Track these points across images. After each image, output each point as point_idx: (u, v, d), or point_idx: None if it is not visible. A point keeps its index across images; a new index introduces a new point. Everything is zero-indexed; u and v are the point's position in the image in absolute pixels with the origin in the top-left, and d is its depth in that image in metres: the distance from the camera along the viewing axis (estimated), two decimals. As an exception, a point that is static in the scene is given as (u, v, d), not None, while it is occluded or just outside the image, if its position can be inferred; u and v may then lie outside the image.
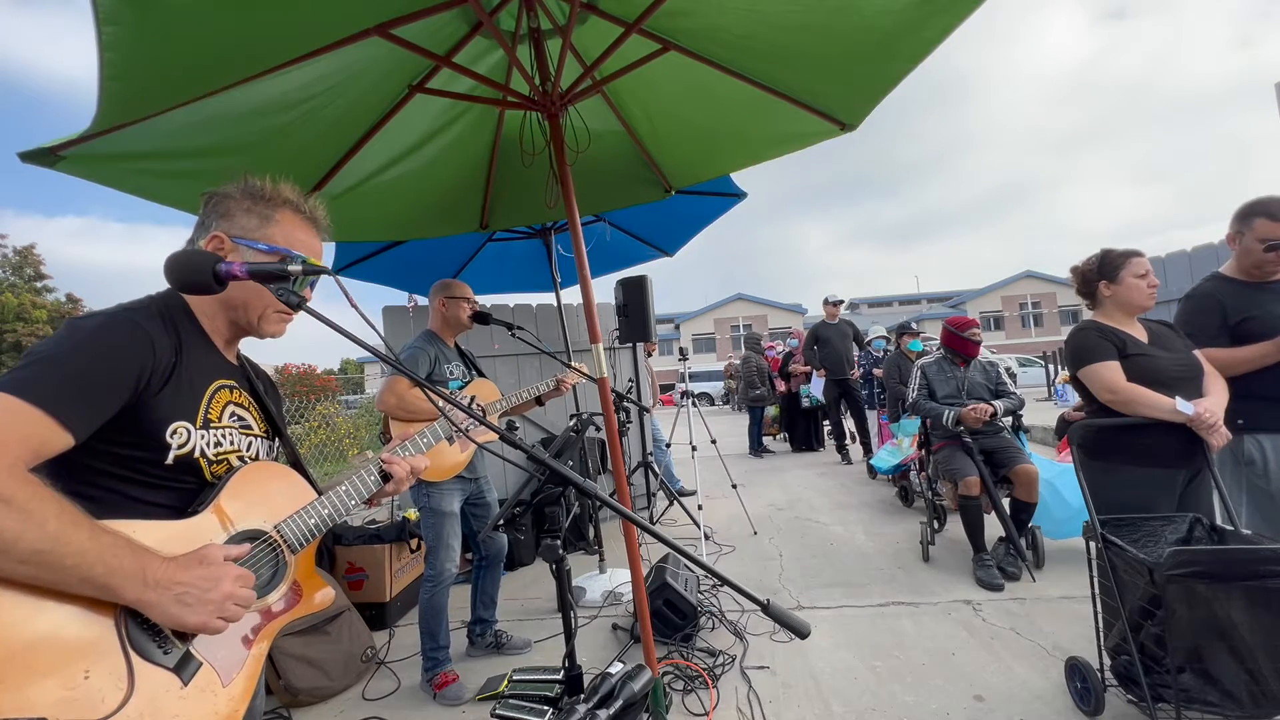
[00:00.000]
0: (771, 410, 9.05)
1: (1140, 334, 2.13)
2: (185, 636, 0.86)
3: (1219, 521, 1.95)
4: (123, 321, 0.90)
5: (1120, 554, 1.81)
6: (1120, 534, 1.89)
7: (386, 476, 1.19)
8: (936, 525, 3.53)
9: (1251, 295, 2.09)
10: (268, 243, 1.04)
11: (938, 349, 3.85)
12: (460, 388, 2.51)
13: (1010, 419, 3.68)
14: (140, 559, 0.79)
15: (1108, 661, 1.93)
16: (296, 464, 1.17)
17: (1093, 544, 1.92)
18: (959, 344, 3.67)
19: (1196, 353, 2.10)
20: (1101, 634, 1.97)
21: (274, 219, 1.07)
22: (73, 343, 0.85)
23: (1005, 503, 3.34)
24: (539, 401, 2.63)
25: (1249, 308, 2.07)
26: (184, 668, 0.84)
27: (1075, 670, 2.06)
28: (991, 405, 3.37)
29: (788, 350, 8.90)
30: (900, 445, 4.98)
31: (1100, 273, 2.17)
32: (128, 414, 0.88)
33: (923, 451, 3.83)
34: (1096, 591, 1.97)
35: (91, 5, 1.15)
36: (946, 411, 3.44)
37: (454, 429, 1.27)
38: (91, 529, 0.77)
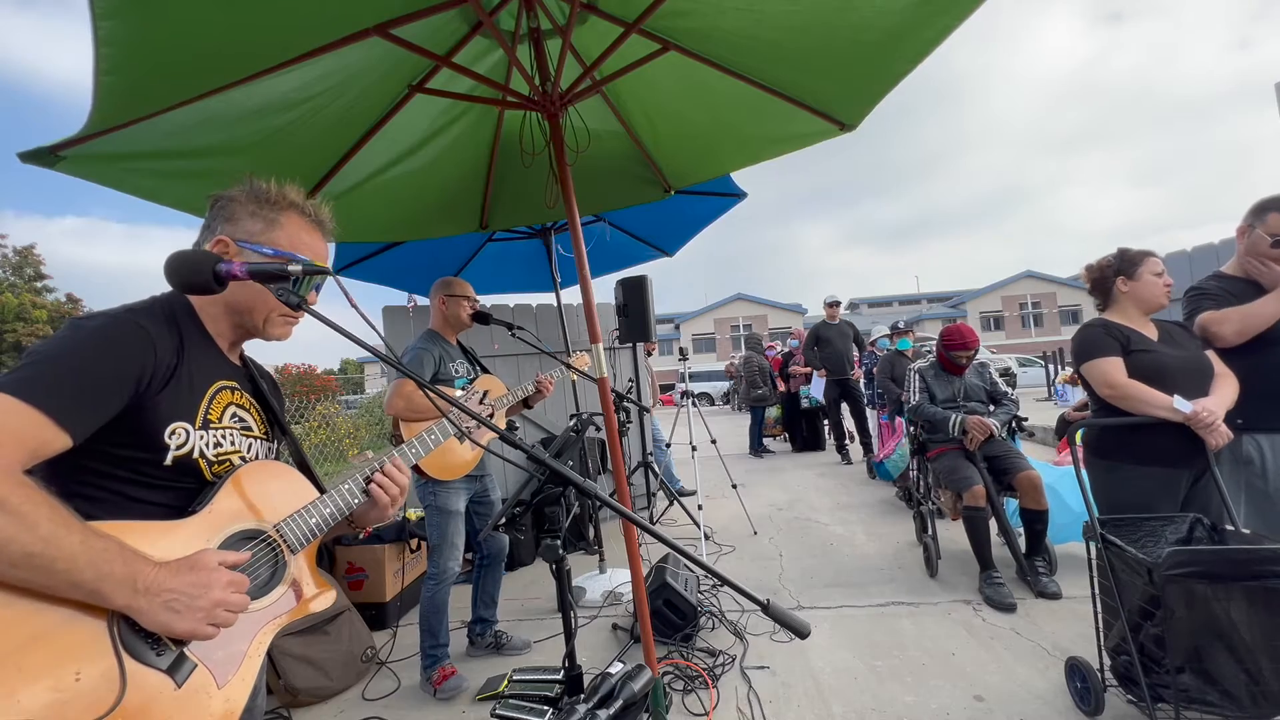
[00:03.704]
0: (774, 411, 9.05)
1: (1151, 333, 2.13)
2: (179, 639, 0.85)
3: (1224, 523, 1.95)
4: (124, 322, 0.90)
5: (1119, 554, 1.81)
6: (1120, 534, 1.88)
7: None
8: (931, 536, 3.40)
9: (1254, 294, 2.09)
10: (272, 247, 1.04)
11: (928, 353, 3.81)
12: (466, 385, 2.51)
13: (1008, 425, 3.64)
14: (131, 565, 0.78)
15: (1108, 662, 1.93)
16: (302, 463, 1.16)
17: (1092, 544, 1.92)
18: (945, 362, 3.62)
19: (1209, 353, 2.09)
20: (1101, 634, 1.97)
21: (279, 223, 1.06)
22: (73, 343, 0.84)
23: (1016, 516, 3.25)
24: (526, 405, 2.62)
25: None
26: (177, 669, 0.83)
27: (1075, 670, 2.06)
28: (992, 424, 3.27)
29: (788, 350, 8.90)
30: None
31: (1119, 269, 2.16)
32: (127, 415, 0.88)
33: (916, 458, 3.73)
34: (1096, 591, 1.97)
35: (89, 1, 1.15)
36: (953, 417, 3.35)
37: (459, 430, 1.26)
38: (83, 533, 0.76)
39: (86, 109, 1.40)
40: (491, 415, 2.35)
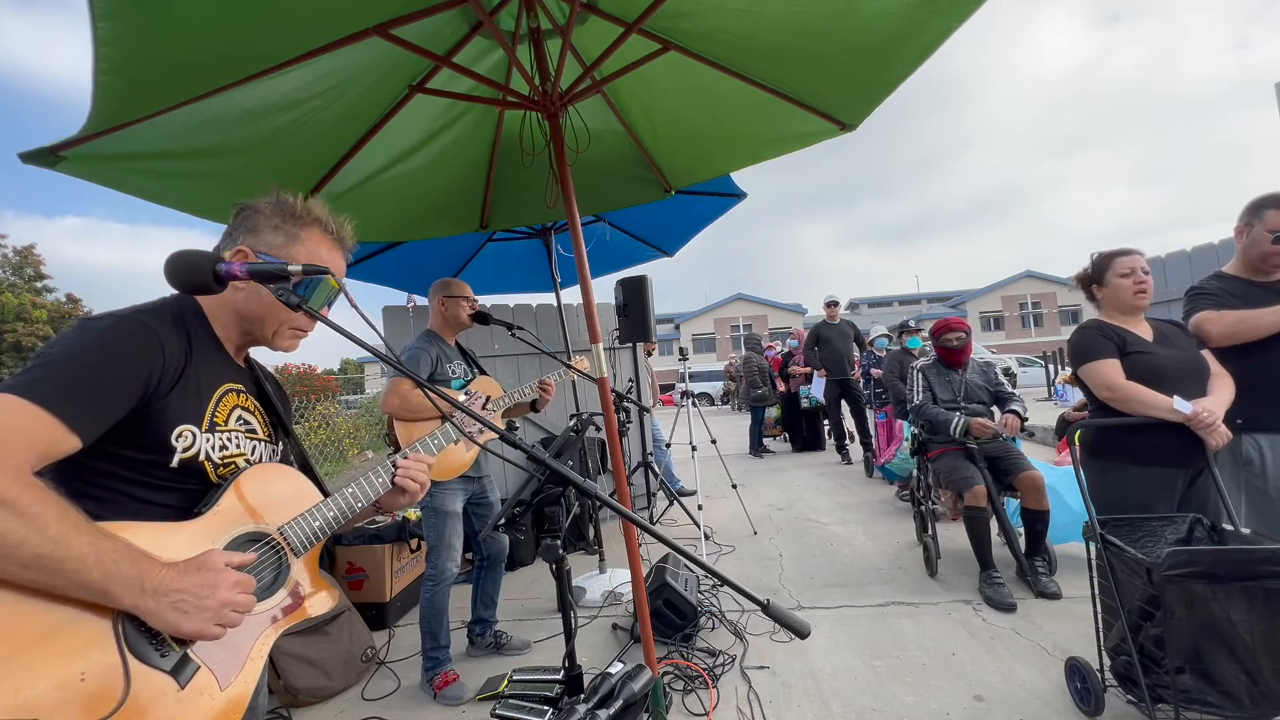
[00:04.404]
0: (774, 411, 9.06)
1: (1146, 332, 2.13)
2: (183, 640, 0.85)
3: (1223, 522, 1.95)
4: (132, 323, 0.90)
5: (1119, 554, 1.81)
6: (1120, 534, 1.89)
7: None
8: (931, 536, 3.39)
9: (1255, 294, 2.09)
10: (291, 262, 1.03)
11: (930, 352, 3.79)
12: (462, 386, 2.52)
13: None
14: (138, 565, 0.79)
15: (1107, 662, 1.93)
16: (305, 466, 1.16)
17: (1092, 544, 1.92)
18: (939, 351, 3.61)
19: (1205, 352, 2.10)
20: (1101, 634, 1.97)
21: (300, 237, 1.06)
22: (82, 344, 0.85)
23: (1017, 516, 3.25)
24: (534, 408, 2.62)
25: (1251, 305, 2.07)
26: (181, 671, 0.84)
27: (1075, 671, 2.06)
28: (1018, 414, 3.25)
29: (787, 350, 8.91)
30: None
31: (1091, 277, 2.23)
32: (135, 416, 0.88)
33: (917, 459, 3.71)
34: (1096, 592, 1.97)
35: (88, 1, 1.15)
36: (956, 419, 3.31)
37: (461, 433, 1.26)
38: (92, 534, 0.76)
39: (87, 109, 1.40)
40: (489, 416, 2.35)
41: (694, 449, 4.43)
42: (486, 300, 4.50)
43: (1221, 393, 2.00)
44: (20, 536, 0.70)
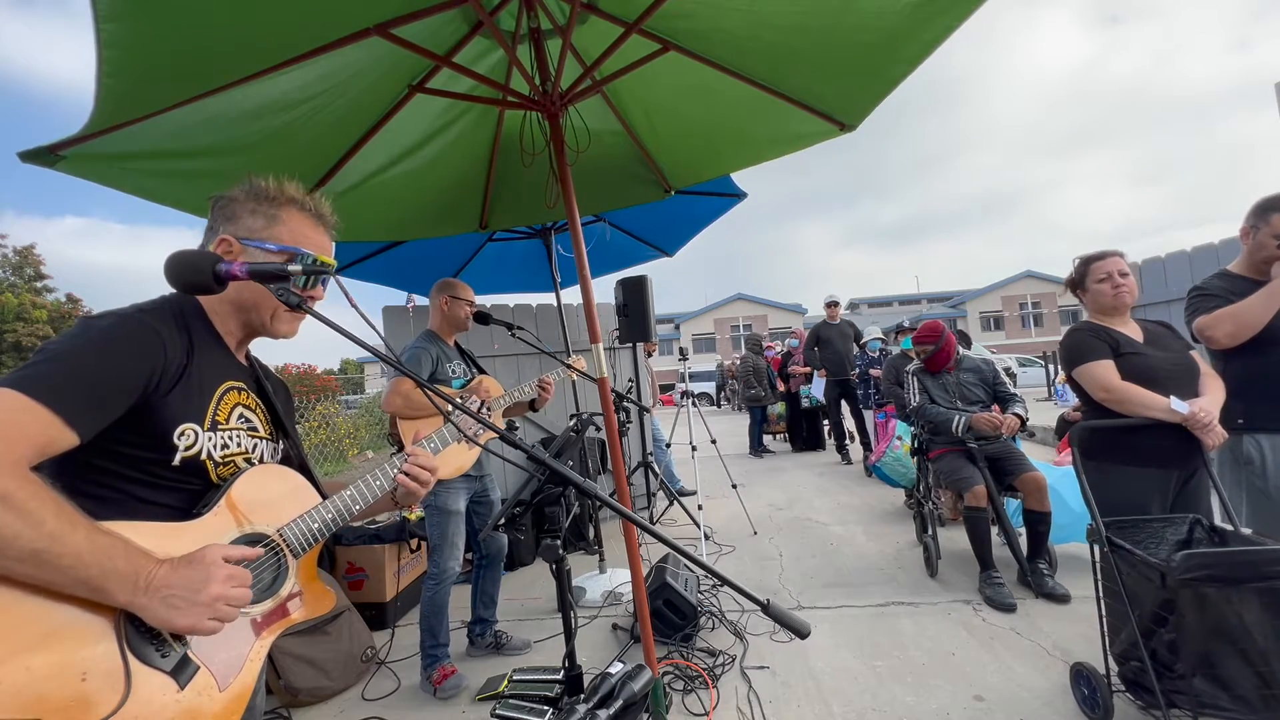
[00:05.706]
0: (777, 408, 9.04)
1: (1135, 333, 2.14)
2: (182, 639, 0.85)
3: (1218, 522, 1.94)
4: (135, 321, 0.90)
5: (1128, 557, 1.78)
6: (1121, 536, 1.87)
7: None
8: (932, 536, 3.37)
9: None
10: (276, 242, 1.03)
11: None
12: (462, 386, 2.52)
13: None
14: (133, 561, 0.79)
15: (1114, 666, 1.90)
16: (303, 466, 1.16)
17: (1096, 547, 1.90)
18: (924, 361, 3.61)
19: (1193, 353, 2.10)
20: (1107, 638, 1.94)
21: (279, 219, 1.06)
22: (84, 341, 0.85)
23: (1017, 516, 3.24)
24: (532, 407, 2.63)
25: None
26: (181, 671, 0.83)
27: (1081, 677, 2.03)
28: (1019, 416, 3.26)
29: (787, 350, 8.91)
30: (905, 446, 4.95)
31: (1075, 282, 2.28)
32: (136, 414, 0.88)
33: (917, 459, 3.70)
34: (1100, 595, 1.94)
35: (90, 2, 1.15)
36: (957, 418, 3.28)
37: (461, 433, 1.26)
38: (89, 530, 0.76)
39: (87, 109, 1.40)
40: (489, 415, 2.35)
41: (694, 449, 4.43)
42: (486, 300, 4.50)
43: (1215, 393, 2.00)
44: (16, 531, 0.70)
